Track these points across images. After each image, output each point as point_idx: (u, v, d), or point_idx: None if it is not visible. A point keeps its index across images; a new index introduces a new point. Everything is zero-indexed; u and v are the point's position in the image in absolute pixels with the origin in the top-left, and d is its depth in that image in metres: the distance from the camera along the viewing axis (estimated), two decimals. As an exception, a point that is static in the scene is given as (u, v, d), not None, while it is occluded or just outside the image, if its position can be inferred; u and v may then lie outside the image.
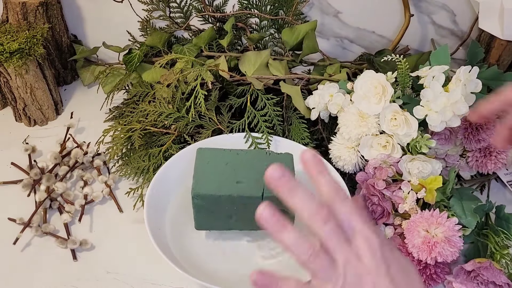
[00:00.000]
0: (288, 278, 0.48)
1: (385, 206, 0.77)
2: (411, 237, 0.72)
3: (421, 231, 0.71)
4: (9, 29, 0.95)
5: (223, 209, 0.73)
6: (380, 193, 0.77)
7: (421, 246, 0.71)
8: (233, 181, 0.73)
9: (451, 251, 0.70)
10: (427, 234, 0.71)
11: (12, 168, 0.92)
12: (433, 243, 0.70)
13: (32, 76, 0.96)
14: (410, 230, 0.72)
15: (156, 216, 0.78)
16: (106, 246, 0.81)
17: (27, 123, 1.02)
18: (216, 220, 0.75)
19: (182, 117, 0.88)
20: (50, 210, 0.86)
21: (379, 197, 0.77)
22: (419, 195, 0.75)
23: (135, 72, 1.01)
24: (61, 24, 1.04)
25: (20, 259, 0.79)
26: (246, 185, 0.73)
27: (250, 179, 0.73)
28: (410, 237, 0.72)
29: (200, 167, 0.75)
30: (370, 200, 0.78)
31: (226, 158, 0.76)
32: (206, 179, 0.73)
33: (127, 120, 0.92)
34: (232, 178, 0.74)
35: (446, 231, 0.70)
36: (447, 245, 0.70)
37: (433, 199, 0.75)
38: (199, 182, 0.73)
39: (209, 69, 0.86)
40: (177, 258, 0.74)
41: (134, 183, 0.89)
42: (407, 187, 0.76)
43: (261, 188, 0.72)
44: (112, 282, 0.76)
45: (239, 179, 0.73)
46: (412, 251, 0.72)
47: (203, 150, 0.78)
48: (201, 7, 1.05)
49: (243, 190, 0.72)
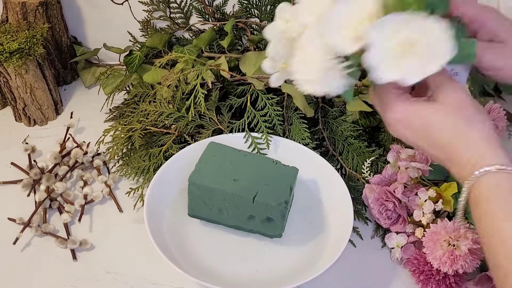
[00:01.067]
0: None
1: (401, 213, 0.76)
2: (432, 248, 0.70)
3: (444, 244, 0.69)
4: (9, 29, 0.95)
5: (215, 202, 0.76)
6: (397, 199, 0.77)
7: (443, 258, 0.69)
8: (230, 178, 0.75)
9: (473, 262, 0.69)
10: (450, 246, 0.69)
11: (12, 168, 0.92)
12: (456, 256, 0.68)
13: (32, 76, 0.96)
14: (432, 241, 0.70)
15: (156, 216, 0.78)
16: (106, 246, 0.81)
17: (27, 123, 1.01)
18: (208, 210, 0.77)
19: (183, 117, 0.88)
20: (50, 210, 0.86)
21: (395, 203, 0.77)
22: (436, 207, 0.74)
23: (136, 73, 1.01)
24: (61, 24, 1.04)
25: (20, 259, 0.79)
26: (241, 185, 0.74)
27: (247, 181, 0.75)
28: (431, 248, 0.70)
29: (205, 158, 0.78)
30: (385, 206, 0.77)
31: (232, 156, 0.79)
32: (206, 170, 0.76)
33: (128, 120, 0.92)
34: (230, 175, 0.76)
35: (469, 243, 0.68)
36: (469, 257, 0.68)
37: (451, 207, 0.74)
38: (198, 171, 0.76)
39: (209, 69, 0.86)
40: (177, 258, 0.74)
41: (134, 183, 0.89)
42: (424, 194, 0.75)
43: (254, 191, 0.74)
44: (112, 282, 0.76)
45: (237, 178, 0.75)
46: (432, 262, 0.70)
47: (214, 144, 0.80)
48: (201, 8, 1.05)
49: (237, 188, 0.74)
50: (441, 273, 0.71)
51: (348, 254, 0.75)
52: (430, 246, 0.70)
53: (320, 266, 0.72)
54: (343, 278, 0.76)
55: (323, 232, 0.79)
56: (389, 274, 0.77)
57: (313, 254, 0.77)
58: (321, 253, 0.76)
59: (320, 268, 0.71)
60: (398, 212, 0.77)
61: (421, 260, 0.73)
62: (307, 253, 0.77)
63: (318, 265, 0.74)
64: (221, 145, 0.80)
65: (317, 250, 0.77)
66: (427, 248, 0.71)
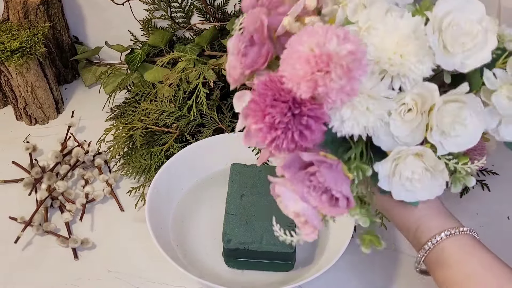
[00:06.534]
0: None
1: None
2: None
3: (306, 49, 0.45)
4: (10, 28, 0.95)
5: None
6: None
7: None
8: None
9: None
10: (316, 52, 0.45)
11: (13, 167, 0.92)
12: (326, 59, 0.44)
13: (33, 74, 0.96)
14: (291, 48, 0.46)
15: (158, 215, 0.78)
16: (107, 245, 0.81)
17: (28, 122, 1.01)
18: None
19: (184, 116, 0.88)
20: (51, 209, 0.86)
21: None
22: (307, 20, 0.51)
23: (137, 72, 1.01)
24: (62, 23, 1.04)
25: (21, 258, 0.79)
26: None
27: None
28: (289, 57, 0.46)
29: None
30: None
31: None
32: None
33: (129, 119, 0.92)
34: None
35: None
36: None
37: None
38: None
39: (211, 68, 0.86)
40: (178, 257, 0.74)
41: (135, 182, 0.89)
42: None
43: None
44: (113, 281, 0.76)
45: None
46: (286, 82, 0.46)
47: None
48: (202, 7, 1.05)
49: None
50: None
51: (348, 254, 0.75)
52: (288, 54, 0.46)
53: (320, 266, 0.72)
54: (344, 278, 0.76)
55: (324, 232, 0.79)
56: (391, 274, 0.77)
57: (313, 254, 0.77)
58: (321, 253, 0.76)
59: (320, 268, 0.71)
60: None
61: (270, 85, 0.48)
62: (308, 253, 0.77)
63: (318, 265, 0.74)
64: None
65: (317, 250, 0.77)
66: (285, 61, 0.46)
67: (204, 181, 0.86)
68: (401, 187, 0.51)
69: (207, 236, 0.79)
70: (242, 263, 0.75)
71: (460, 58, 0.48)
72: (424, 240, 0.54)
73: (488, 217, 0.82)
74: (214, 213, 0.81)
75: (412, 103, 0.49)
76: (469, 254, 0.51)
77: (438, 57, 0.47)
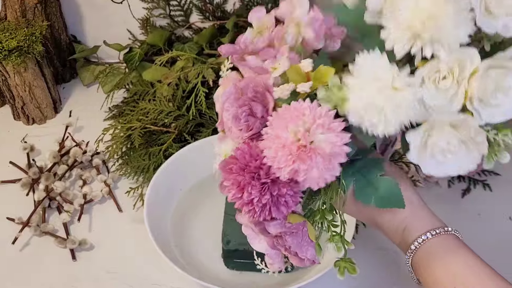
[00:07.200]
0: None
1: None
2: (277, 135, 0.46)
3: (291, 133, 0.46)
4: (7, 27, 0.94)
5: None
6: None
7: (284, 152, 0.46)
8: None
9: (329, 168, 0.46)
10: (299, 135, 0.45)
11: (11, 167, 0.91)
12: (309, 150, 0.45)
13: (31, 74, 0.95)
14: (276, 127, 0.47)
15: (156, 215, 0.77)
16: (105, 245, 0.81)
17: (25, 121, 1.01)
18: None
19: (183, 115, 0.88)
20: (49, 209, 0.85)
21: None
22: (300, 88, 0.49)
23: (135, 71, 1.01)
24: (59, 22, 1.04)
25: (18, 258, 0.79)
26: None
27: None
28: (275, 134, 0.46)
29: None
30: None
31: None
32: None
33: (127, 119, 0.92)
34: None
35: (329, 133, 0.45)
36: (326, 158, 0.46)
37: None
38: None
39: (210, 67, 0.86)
40: (177, 257, 0.74)
41: (134, 182, 0.89)
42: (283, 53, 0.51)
43: None
44: (111, 282, 0.76)
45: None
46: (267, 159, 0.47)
47: None
48: (201, 5, 1.05)
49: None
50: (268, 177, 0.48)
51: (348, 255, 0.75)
52: (275, 131, 0.46)
53: (320, 266, 0.72)
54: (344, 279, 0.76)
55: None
56: (392, 275, 0.77)
57: (314, 254, 0.76)
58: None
59: (320, 269, 0.70)
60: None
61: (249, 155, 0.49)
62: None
63: (318, 265, 0.73)
64: None
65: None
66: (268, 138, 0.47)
67: (204, 181, 0.86)
68: (431, 160, 0.49)
69: (206, 237, 0.79)
70: (241, 264, 0.74)
71: (504, 21, 0.46)
72: (411, 240, 0.54)
73: (490, 218, 0.82)
74: (214, 214, 0.80)
75: (448, 69, 0.46)
76: (455, 253, 0.52)
77: (479, 19, 0.45)
